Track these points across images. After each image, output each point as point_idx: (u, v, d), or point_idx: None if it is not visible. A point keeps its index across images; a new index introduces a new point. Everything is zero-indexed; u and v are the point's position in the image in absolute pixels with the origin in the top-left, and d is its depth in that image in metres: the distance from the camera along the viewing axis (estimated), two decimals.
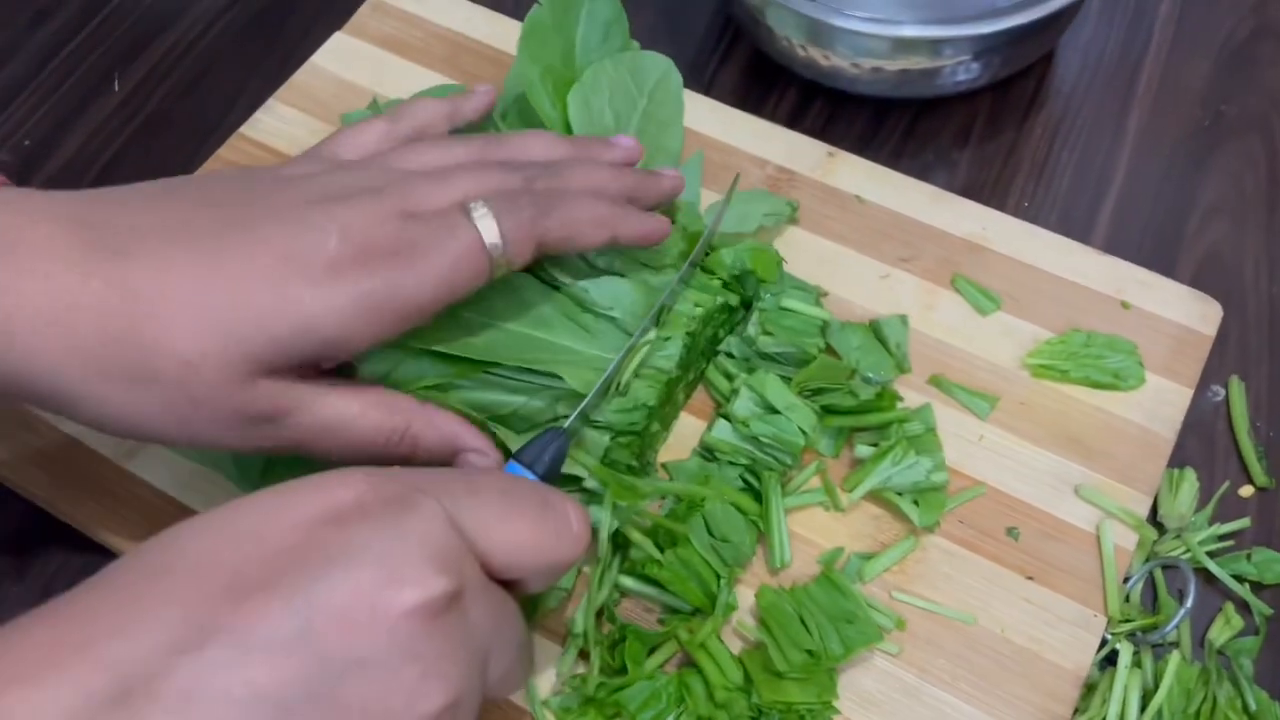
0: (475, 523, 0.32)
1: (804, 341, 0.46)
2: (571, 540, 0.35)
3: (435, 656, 0.29)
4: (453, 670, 0.30)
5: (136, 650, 0.27)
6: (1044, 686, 0.42)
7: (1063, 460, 0.47)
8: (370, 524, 0.30)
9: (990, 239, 0.53)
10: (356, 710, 0.28)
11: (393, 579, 0.29)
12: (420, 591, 0.29)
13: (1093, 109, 0.60)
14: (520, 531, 0.33)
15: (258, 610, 0.28)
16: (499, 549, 0.33)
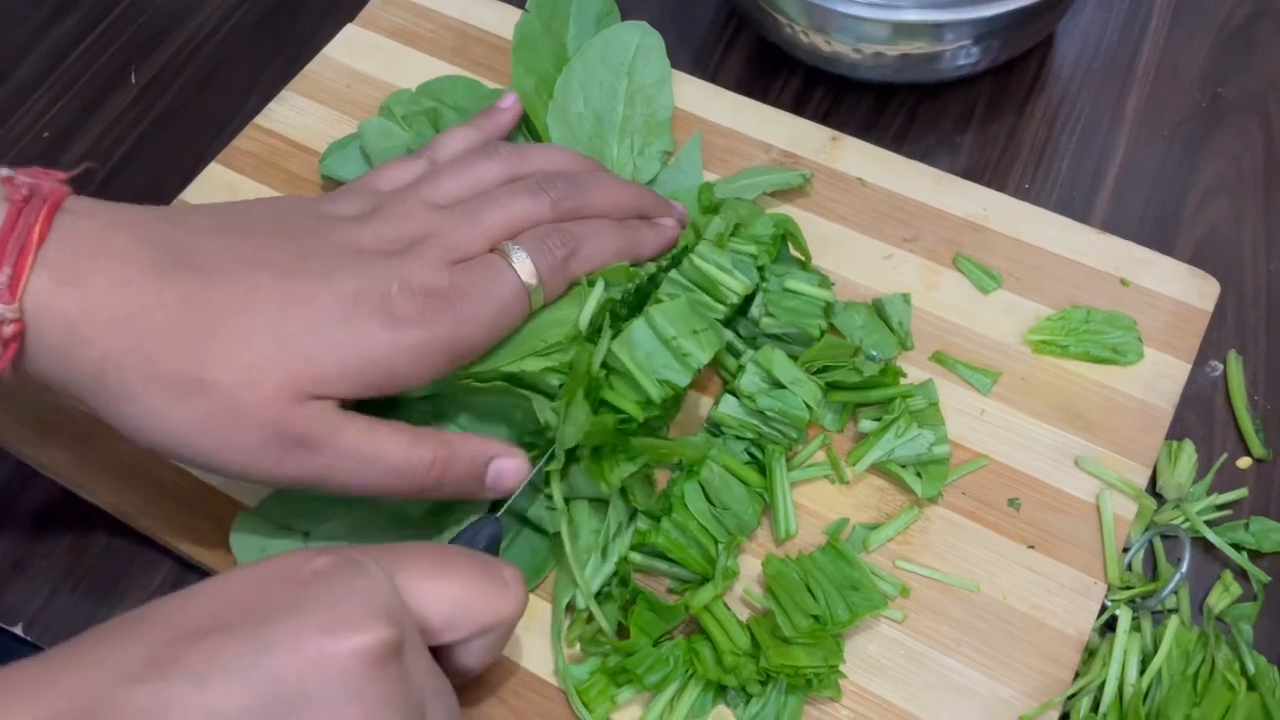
0: (411, 583, 0.35)
1: (807, 322, 0.47)
2: (507, 596, 0.37)
3: (377, 700, 0.31)
4: (395, 713, 0.32)
5: (99, 679, 0.29)
6: (1046, 651, 0.43)
7: (1063, 433, 0.48)
8: (323, 581, 0.33)
9: (991, 219, 0.54)
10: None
11: (341, 625, 0.31)
12: (366, 637, 0.31)
13: (1092, 92, 0.61)
14: (454, 588, 0.36)
15: (215, 647, 0.30)
16: (435, 605, 0.35)
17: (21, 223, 0.36)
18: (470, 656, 0.37)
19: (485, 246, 0.43)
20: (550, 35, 0.56)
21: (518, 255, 0.43)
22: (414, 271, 0.41)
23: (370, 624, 0.31)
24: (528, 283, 0.43)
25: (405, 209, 0.44)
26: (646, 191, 0.50)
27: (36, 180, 0.37)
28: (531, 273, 0.43)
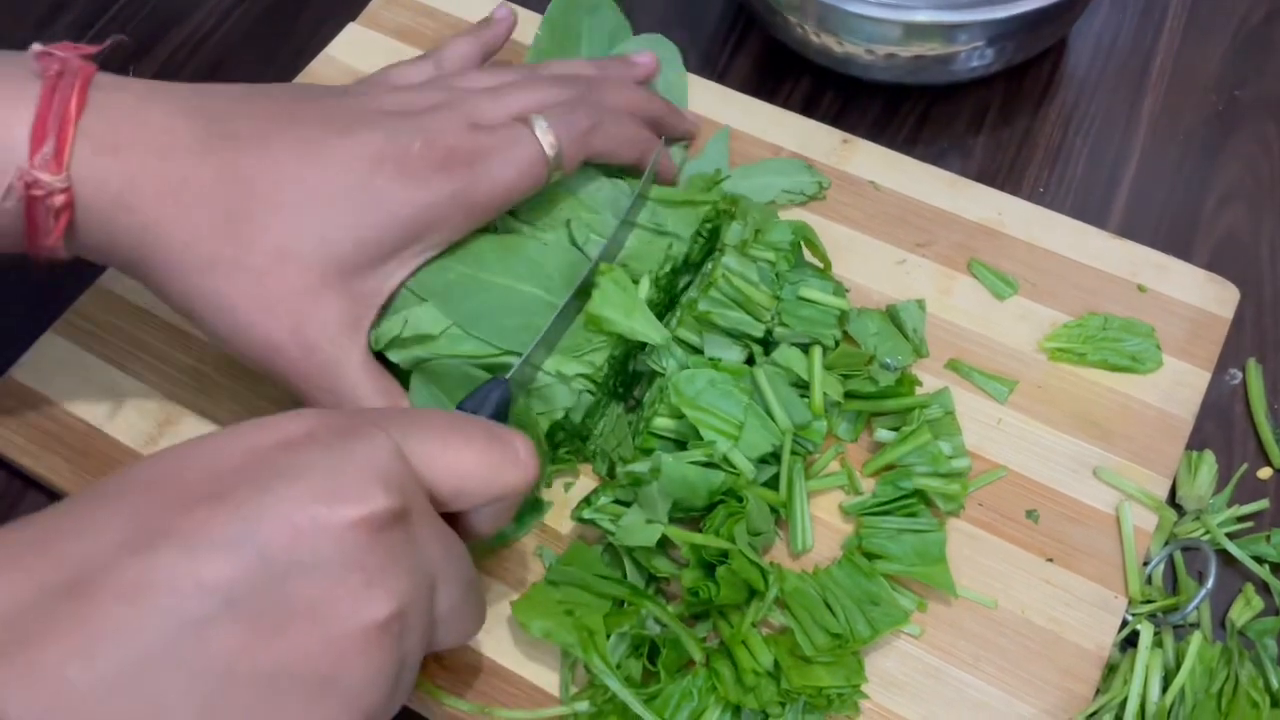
0: (421, 450, 0.33)
1: (821, 332, 0.46)
2: (518, 467, 0.36)
3: (378, 568, 0.30)
4: (397, 583, 0.30)
5: (88, 549, 0.28)
6: (1065, 667, 0.42)
7: (1081, 443, 0.47)
8: (318, 448, 0.31)
9: (1006, 224, 0.53)
10: (302, 611, 0.29)
11: (337, 493, 0.30)
12: (363, 506, 0.30)
13: (1106, 95, 0.60)
14: (465, 458, 0.34)
15: (205, 517, 0.29)
16: (444, 475, 0.34)
17: (58, 97, 0.37)
18: (481, 523, 0.37)
19: (508, 117, 0.45)
20: (563, 54, 0.56)
21: (539, 123, 0.45)
22: (437, 129, 0.43)
23: (368, 492, 0.30)
24: (548, 151, 0.44)
25: (429, 87, 0.46)
26: (660, 99, 0.52)
27: (67, 54, 0.38)
28: (552, 142, 0.44)
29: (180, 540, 0.28)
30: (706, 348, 0.45)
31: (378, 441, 0.32)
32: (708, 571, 0.42)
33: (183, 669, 0.27)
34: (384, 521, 0.30)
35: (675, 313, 0.46)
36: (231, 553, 0.28)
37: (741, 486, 0.41)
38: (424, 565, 0.32)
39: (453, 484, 0.34)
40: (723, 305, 0.44)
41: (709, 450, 0.42)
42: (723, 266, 0.44)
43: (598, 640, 0.41)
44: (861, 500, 0.45)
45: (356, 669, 0.30)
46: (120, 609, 0.27)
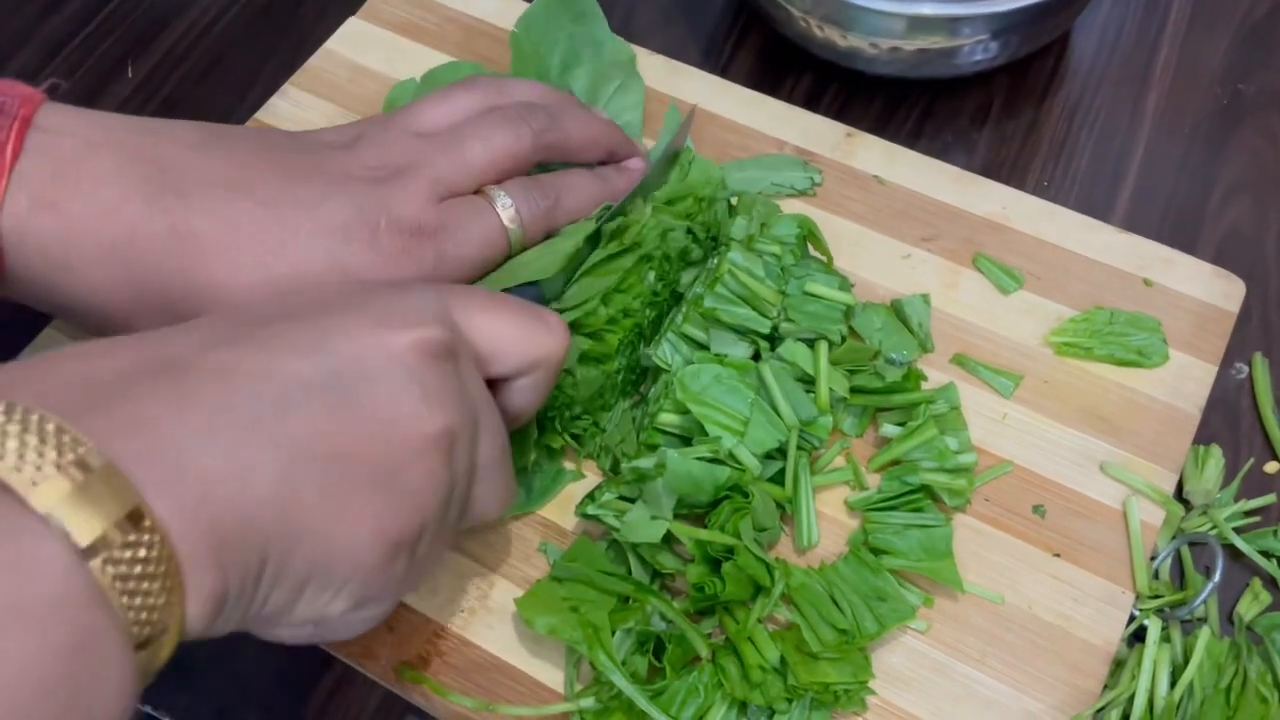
0: (465, 310, 0.36)
1: (827, 327, 0.45)
2: (552, 334, 0.38)
3: (435, 386, 0.33)
4: (450, 402, 0.33)
5: (177, 346, 0.30)
6: (1073, 663, 0.42)
7: (1088, 437, 0.47)
8: (381, 291, 0.35)
9: (1011, 218, 0.53)
10: (368, 413, 0.31)
11: (396, 320, 0.33)
12: (420, 331, 0.33)
13: (1111, 88, 0.60)
14: (504, 319, 0.37)
15: (280, 328, 0.32)
16: (486, 333, 0.37)
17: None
18: (517, 396, 0.39)
19: (471, 184, 0.44)
20: (537, 59, 0.55)
21: (502, 200, 0.44)
22: (401, 204, 0.41)
23: (424, 321, 0.33)
24: (509, 226, 0.44)
25: (389, 136, 0.44)
26: (615, 128, 0.51)
27: (5, 96, 0.36)
28: (514, 218, 0.44)
29: (261, 343, 0.31)
30: (713, 344, 0.44)
31: (429, 293, 0.36)
32: (713, 567, 0.42)
33: (267, 438, 0.29)
34: (437, 349, 0.33)
35: (681, 308, 0.45)
36: (305, 355, 0.31)
37: (747, 482, 0.41)
38: (469, 401, 0.34)
39: (490, 343, 0.37)
40: (729, 302, 0.44)
41: (714, 446, 0.42)
42: (729, 262, 0.44)
43: (603, 636, 0.40)
44: (867, 496, 0.45)
45: (414, 470, 0.32)
46: (210, 384, 0.29)
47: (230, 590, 0.28)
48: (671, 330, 0.45)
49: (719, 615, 0.42)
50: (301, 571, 0.30)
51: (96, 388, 0.28)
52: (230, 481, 0.28)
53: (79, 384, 0.28)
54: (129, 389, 0.28)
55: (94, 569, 0.24)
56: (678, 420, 0.43)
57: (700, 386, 0.42)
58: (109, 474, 0.25)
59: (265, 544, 0.28)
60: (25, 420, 0.25)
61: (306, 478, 0.29)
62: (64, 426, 0.25)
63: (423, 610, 0.44)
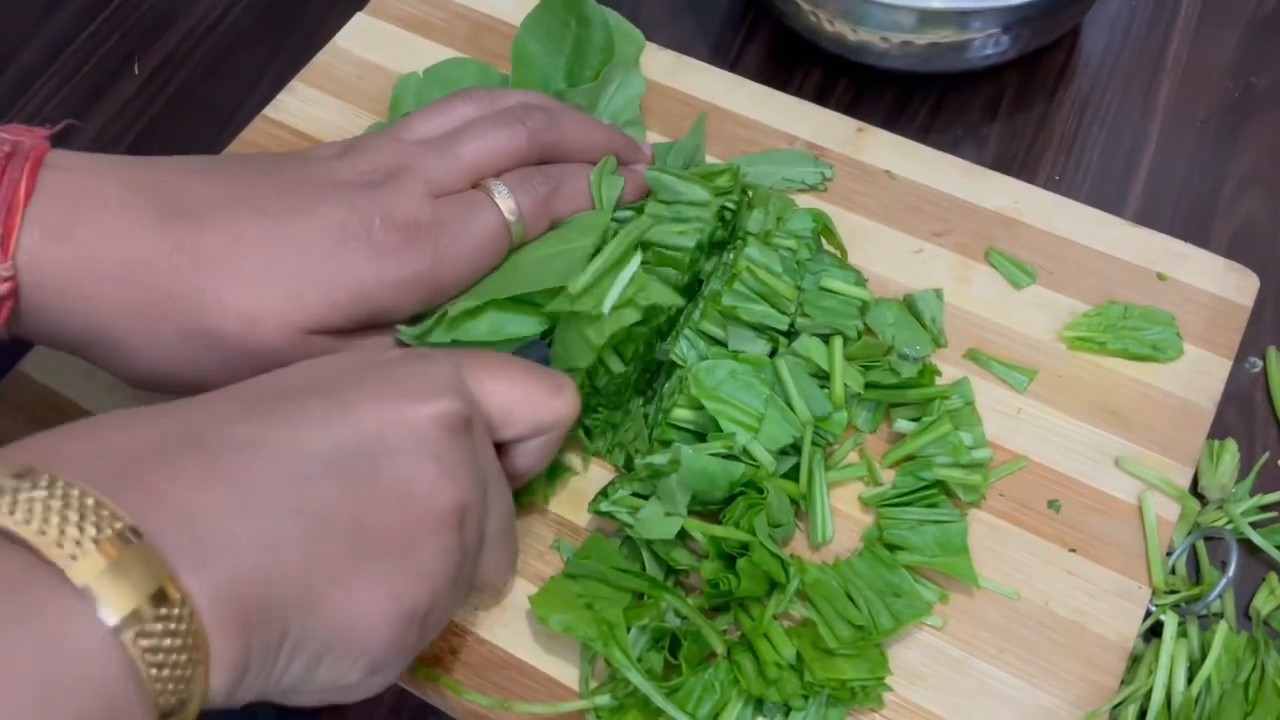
0: (479, 377, 0.37)
1: (844, 323, 0.45)
2: (561, 397, 0.39)
3: (451, 462, 0.33)
4: (464, 477, 0.34)
5: (201, 420, 0.31)
6: (1089, 658, 0.42)
7: (1102, 432, 0.47)
8: (398, 364, 0.35)
9: (1023, 212, 0.53)
10: (387, 485, 0.32)
11: (418, 394, 0.34)
12: (439, 405, 0.34)
13: (1121, 82, 0.60)
14: (514, 385, 0.38)
15: (304, 403, 0.32)
16: (496, 399, 0.37)
17: (7, 180, 0.36)
18: (524, 458, 0.40)
19: (466, 182, 0.44)
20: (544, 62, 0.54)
21: (499, 190, 0.43)
22: (395, 203, 0.41)
23: (443, 395, 0.34)
24: (509, 218, 0.43)
25: (381, 143, 0.44)
26: (617, 132, 0.50)
27: (17, 138, 0.37)
28: (513, 209, 0.43)
29: (283, 417, 0.32)
30: (730, 340, 0.44)
31: (444, 363, 0.36)
32: (728, 563, 0.41)
33: (290, 511, 0.30)
34: (455, 423, 0.34)
35: (698, 305, 0.45)
36: (327, 429, 0.32)
37: (761, 478, 0.41)
38: (482, 474, 0.35)
39: (502, 408, 0.38)
40: (747, 299, 0.43)
41: (729, 442, 0.41)
42: (746, 258, 0.44)
43: (618, 633, 0.40)
44: (881, 491, 0.45)
45: (428, 546, 0.32)
46: (234, 457, 0.30)
47: (253, 660, 0.28)
48: (689, 327, 0.44)
49: (734, 612, 0.42)
50: (321, 642, 0.30)
51: (128, 459, 0.29)
52: (256, 554, 0.29)
53: (111, 455, 0.29)
54: (158, 461, 0.29)
55: (126, 642, 0.25)
56: (692, 416, 0.43)
57: (715, 382, 0.42)
58: (143, 549, 0.26)
59: (288, 615, 0.29)
60: (67, 495, 0.26)
61: (328, 550, 0.30)
62: (103, 502, 0.26)
63: None
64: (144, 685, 0.26)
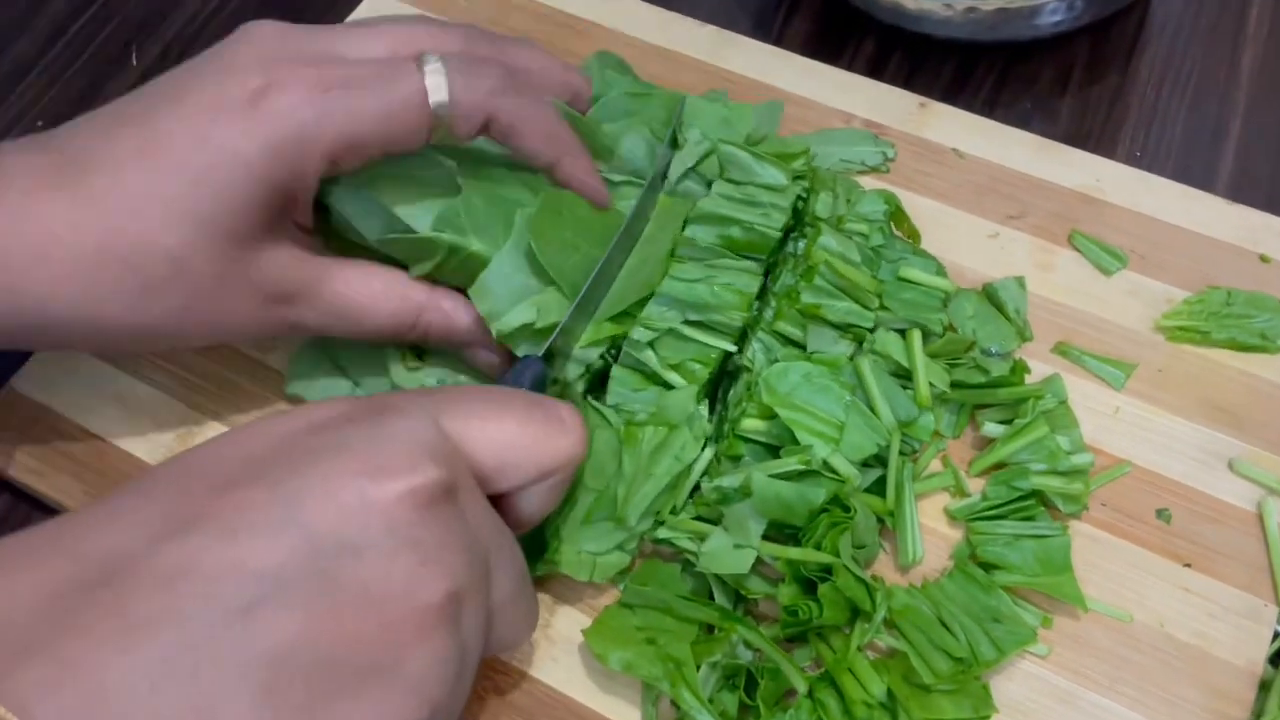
0: (459, 425, 0.31)
1: (927, 316, 0.41)
2: (564, 434, 0.33)
3: (433, 545, 0.27)
4: (452, 562, 0.28)
5: (117, 541, 0.25)
6: (1214, 686, 0.38)
7: (1211, 432, 0.42)
8: (354, 426, 0.29)
9: (1106, 191, 0.48)
10: (355, 595, 0.26)
11: (381, 466, 0.27)
12: (410, 478, 0.28)
13: (1200, 48, 0.55)
14: (506, 428, 0.32)
15: (241, 499, 0.26)
16: (487, 448, 0.31)
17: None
18: (530, 505, 0.34)
19: (392, 54, 0.37)
20: None
21: (431, 64, 0.36)
22: (282, 57, 0.36)
23: (415, 464, 0.28)
24: (432, 95, 0.36)
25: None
26: (579, 77, 0.43)
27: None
28: (443, 87, 0.36)
29: (217, 525, 0.26)
30: (810, 341, 0.39)
31: (415, 416, 0.30)
32: (807, 589, 0.37)
33: (231, 660, 0.24)
34: (434, 495, 0.28)
35: (768, 302, 0.40)
36: (274, 535, 0.26)
37: (847, 494, 0.36)
38: (477, 545, 0.30)
39: (496, 457, 0.32)
40: (828, 295, 0.39)
41: (805, 457, 0.37)
42: (821, 248, 0.39)
43: (686, 672, 0.36)
44: (970, 503, 0.40)
45: (416, 656, 0.27)
46: (158, 597, 0.24)
47: None
48: (762, 329, 0.40)
49: (813, 644, 0.38)
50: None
51: (19, 624, 0.23)
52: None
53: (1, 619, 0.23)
54: (56, 622, 0.23)
55: None
56: (764, 427, 0.38)
57: (788, 387, 0.38)
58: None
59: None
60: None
61: (288, 701, 0.25)
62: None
63: None
64: None
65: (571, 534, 0.37)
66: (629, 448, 0.37)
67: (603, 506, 0.37)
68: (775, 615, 0.38)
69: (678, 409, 0.38)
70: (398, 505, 0.27)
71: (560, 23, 0.54)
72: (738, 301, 0.40)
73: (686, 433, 0.37)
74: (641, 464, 0.37)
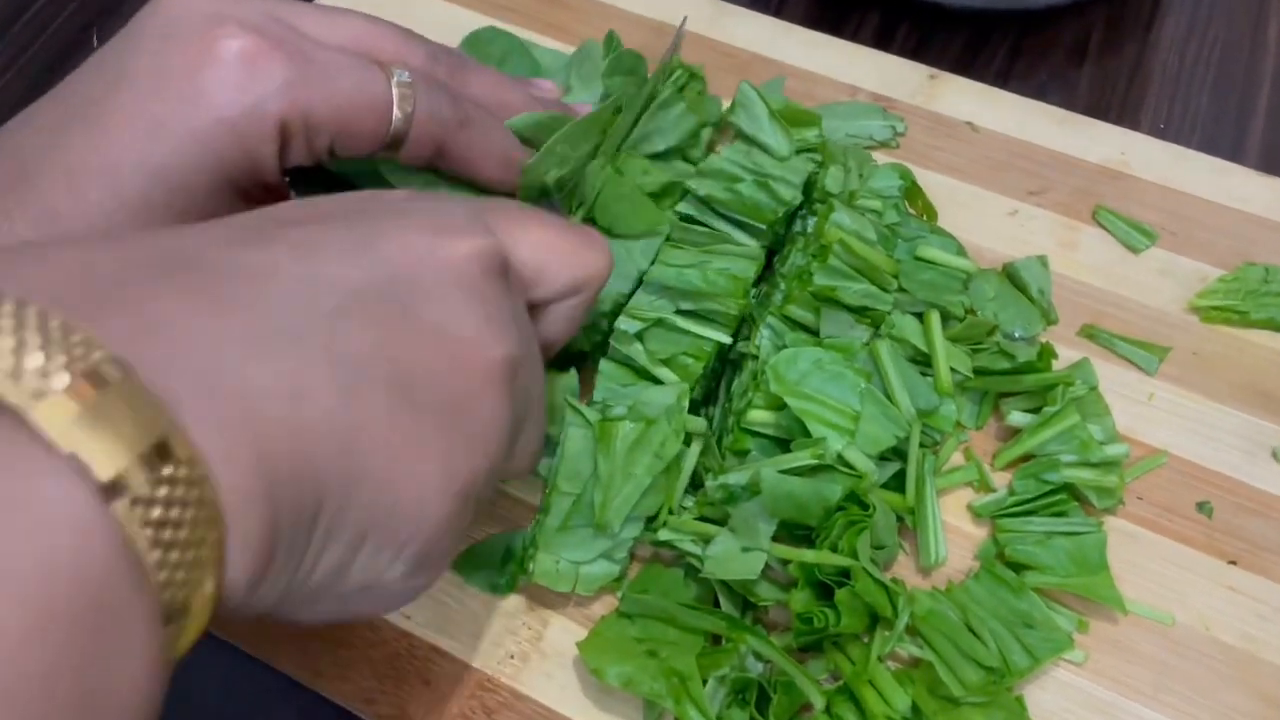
0: (507, 224, 0.31)
1: (947, 299, 0.38)
2: (595, 248, 0.33)
3: (496, 306, 0.28)
4: (510, 327, 0.28)
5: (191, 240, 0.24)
6: (1266, 694, 0.35)
7: (1252, 418, 0.39)
8: (416, 198, 0.30)
9: (1132, 165, 0.45)
10: (431, 331, 0.26)
11: (450, 229, 0.28)
12: (475, 240, 0.28)
13: (1224, 16, 0.52)
14: (547, 234, 0.32)
15: (316, 230, 0.26)
16: (528, 248, 0.31)
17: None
18: (554, 323, 0.33)
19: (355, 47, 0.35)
20: None
21: (401, 76, 0.35)
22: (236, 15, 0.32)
23: (476, 229, 0.28)
24: (396, 107, 0.34)
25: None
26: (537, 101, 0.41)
27: None
28: (407, 100, 0.34)
29: (294, 243, 0.25)
30: (824, 326, 0.36)
31: (467, 203, 0.31)
32: (822, 594, 0.34)
33: (321, 351, 0.23)
34: (493, 261, 0.28)
35: (776, 285, 0.37)
36: (354, 259, 0.25)
37: (864, 490, 0.33)
38: (524, 322, 0.30)
39: (538, 261, 0.32)
40: (844, 276, 0.36)
41: (818, 451, 0.34)
42: (834, 225, 0.36)
43: (692, 687, 0.33)
44: (997, 499, 0.37)
45: (482, 403, 0.27)
46: (244, 286, 0.23)
47: (281, 543, 0.22)
48: (772, 313, 0.36)
49: (828, 654, 0.34)
50: (362, 522, 0.24)
51: (103, 280, 0.21)
52: (281, 401, 0.22)
53: (81, 274, 0.21)
54: (144, 284, 0.22)
55: (117, 513, 0.18)
56: (772, 418, 0.35)
57: (798, 375, 0.34)
58: (132, 388, 0.19)
59: (322, 484, 0.23)
60: (20, 315, 0.19)
61: (369, 404, 0.24)
62: (72, 324, 0.19)
63: (462, 657, 0.36)
64: (141, 574, 0.19)
65: (548, 541, 0.34)
66: (604, 446, 0.34)
67: (581, 512, 0.34)
68: (787, 623, 0.35)
69: (657, 405, 0.35)
70: (465, 262, 0.27)
71: (572, 6, 0.51)
72: (733, 288, 0.37)
73: (665, 426, 0.34)
74: (618, 464, 0.34)
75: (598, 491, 0.34)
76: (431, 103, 0.35)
